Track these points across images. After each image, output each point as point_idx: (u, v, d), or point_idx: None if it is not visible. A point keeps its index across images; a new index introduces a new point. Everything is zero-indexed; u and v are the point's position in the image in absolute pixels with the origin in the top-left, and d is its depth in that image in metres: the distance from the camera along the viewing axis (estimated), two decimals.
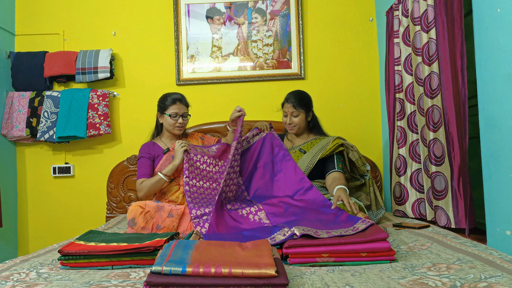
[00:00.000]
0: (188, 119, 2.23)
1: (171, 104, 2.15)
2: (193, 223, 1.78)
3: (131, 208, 1.86)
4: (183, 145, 2.05)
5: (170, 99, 2.17)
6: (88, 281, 1.15)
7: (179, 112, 2.16)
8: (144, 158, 2.16)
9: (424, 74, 1.96)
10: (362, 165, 2.09)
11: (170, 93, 2.24)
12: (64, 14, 2.93)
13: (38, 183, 2.87)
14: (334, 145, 2.04)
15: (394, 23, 2.35)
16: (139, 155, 2.20)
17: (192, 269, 1.01)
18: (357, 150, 2.10)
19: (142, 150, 2.21)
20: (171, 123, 2.16)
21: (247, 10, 2.91)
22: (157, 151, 2.20)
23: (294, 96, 2.17)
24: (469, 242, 1.45)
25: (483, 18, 1.61)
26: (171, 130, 2.20)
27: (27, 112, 2.73)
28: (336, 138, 2.10)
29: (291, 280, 1.11)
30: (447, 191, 1.83)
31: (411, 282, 1.05)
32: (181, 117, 2.16)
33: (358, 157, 2.08)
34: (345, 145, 2.09)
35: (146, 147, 2.21)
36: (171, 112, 2.14)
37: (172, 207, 1.90)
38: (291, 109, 2.15)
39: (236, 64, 2.89)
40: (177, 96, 2.19)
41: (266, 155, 2.18)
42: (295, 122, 2.16)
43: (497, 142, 1.54)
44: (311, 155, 2.08)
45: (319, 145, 2.12)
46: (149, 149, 2.20)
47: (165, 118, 2.18)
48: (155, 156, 2.18)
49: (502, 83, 1.50)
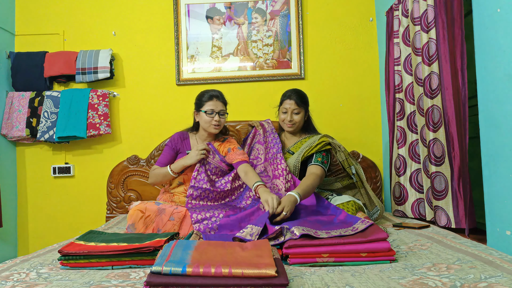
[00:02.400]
0: (225, 117, 2.13)
1: (207, 101, 2.07)
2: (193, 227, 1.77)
3: (130, 212, 1.83)
4: (203, 153, 2.01)
5: (207, 96, 2.08)
6: (88, 281, 1.15)
7: (216, 109, 2.06)
8: (169, 148, 2.14)
9: (424, 74, 1.96)
10: (348, 167, 2.02)
11: (208, 90, 2.15)
12: (64, 14, 2.93)
13: (38, 183, 2.87)
14: (320, 143, 2.01)
15: (394, 23, 2.35)
16: (167, 142, 2.18)
17: (192, 269, 1.02)
18: (344, 150, 2.05)
19: (172, 139, 2.17)
20: (207, 121, 2.07)
21: (247, 10, 2.91)
22: (185, 147, 2.16)
23: (296, 93, 2.14)
24: (469, 242, 1.45)
25: (483, 18, 1.61)
26: (207, 128, 2.10)
27: (27, 112, 2.73)
28: (323, 136, 2.07)
29: (291, 280, 1.11)
30: (447, 191, 1.83)
31: (411, 282, 1.05)
32: (218, 114, 2.07)
33: (345, 159, 2.03)
34: (332, 145, 2.05)
35: (176, 138, 2.17)
36: (207, 109, 2.05)
37: (173, 209, 1.85)
38: (293, 106, 2.11)
39: (236, 64, 2.89)
40: (215, 92, 2.11)
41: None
42: (295, 120, 2.13)
43: (497, 142, 1.54)
44: (297, 155, 2.06)
45: (306, 144, 2.10)
46: (177, 141, 2.16)
47: (201, 115, 2.09)
48: (180, 150, 2.15)
49: (502, 83, 1.50)
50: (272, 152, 2.14)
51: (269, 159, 2.13)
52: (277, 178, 2.05)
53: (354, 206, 1.88)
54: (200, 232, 1.69)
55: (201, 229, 1.75)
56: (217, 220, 1.77)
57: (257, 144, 2.26)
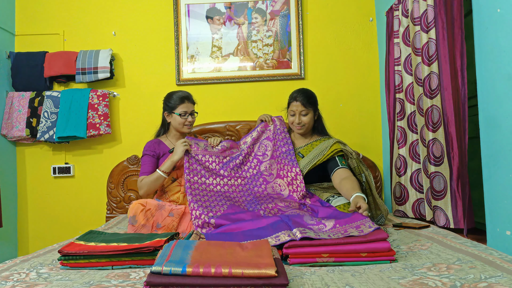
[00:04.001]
0: (195, 116, 2.22)
1: (179, 103, 2.14)
2: (193, 224, 1.78)
3: (132, 205, 1.85)
4: (185, 143, 2.05)
5: (178, 98, 2.15)
6: (88, 281, 1.15)
7: (188, 111, 2.15)
8: (148, 156, 2.14)
9: (423, 74, 1.96)
10: (359, 174, 1.99)
11: (176, 91, 2.22)
12: (64, 14, 2.93)
13: (38, 183, 2.87)
14: (332, 151, 1.98)
15: (394, 23, 2.35)
16: (143, 152, 2.17)
17: (192, 269, 1.02)
18: (356, 157, 2.01)
19: (147, 147, 2.18)
20: (180, 122, 2.15)
21: (247, 10, 2.91)
22: (163, 150, 2.18)
23: (303, 94, 2.08)
24: (469, 242, 1.45)
25: (483, 18, 1.61)
26: (180, 129, 2.18)
27: (27, 112, 2.73)
28: (335, 143, 2.03)
29: (291, 280, 1.11)
30: (446, 191, 1.83)
31: (411, 282, 1.05)
32: (190, 115, 2.16)
33: (356, 165, 2.00)
34: (344, 151, 2.01)
35: (151, 145, 2.19)
36: (181, 111, 2.13)
37: (172, 206, 1.90)
38: (300, 108, 2.06)
39: (236, 64, 2.89)
40: (184, 94, 2.18)
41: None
42: (304, 121, 2.08)
43: (497, 142, 1.54)
44: (308, 160, 2.03)
45: (317, 148, 2.06)
46: (154, 147, 2.17)
47: (174, 117, 2.16)
48: (160, 154, 2.16)
49: (502, 83, 1.50)
50: (281, 151, 2.10)
51: (276, 157, 2.11)
52: (281, 178, 2.04)
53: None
54: (201, 233, 1.68)
55: (200, 226, 1.74)
56: (217, 214, 1.77)
57: (265, 141, 2.22)
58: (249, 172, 2.16)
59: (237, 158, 2.17)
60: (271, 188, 2.07)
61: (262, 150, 2.22)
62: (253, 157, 2.21)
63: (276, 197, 1.99)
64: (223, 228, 1.65)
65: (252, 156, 2.21)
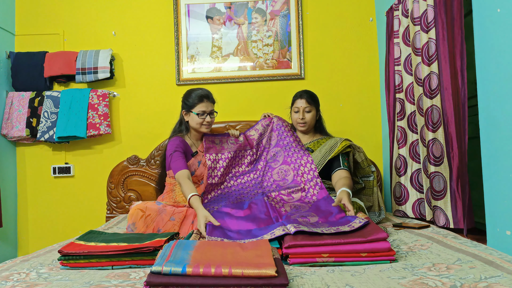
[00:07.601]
0: (215, 116, 2.14)
1: (198, 102, 2.06)
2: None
3: (131, 211, 1.83)
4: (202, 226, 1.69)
5: (197, 96, 2.07)
6: (88, 281, 1.15)
7: (207, 110, 2.07)
8: (179, 152, 2.01)
9: (423, 74, 1.96)
10: (368, 166, 2.10)
11: (195, 89, 2.14)
12: (64, 14, 2.93)
13: (38, 183, 2.87)
14: (343, 146, 2.05)
15: (394, 23, 2.35)
16: (173, 148, 2.02)
17: (192, 269, 1.02)
18: (363, 151, 2.12)
19: (177, 143, 2.05)
20: (198, 122, 2.07)
21: (247, 10, 2.91)
22: (188, 150, 2.13)
23: (306, 93, 2.24)
24: (469, 242, 1.45)
25: (483, 18, 1.61)
26: (198, 129, 2.11)
27: (27, 112, 2.73)
28: (344, 140, 2.11)
29: (291, 280, 1.11)
30: (446, 191, 1.83)
31: (411, 282, 1.05)
32: (209, 115, 2.08)
33: (364, 159, 2.09)
34: (352, 146, 2.10)
35: (180, 142, 2.07)
36: (199, 111, 2.05)
37: (174, 209, 1.85)
38: (305, 104, 2.19)
39: (236, 64, 2.89)
40: (204, 92, 2.09)
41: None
42: (307, 118, 2.21)
43: (497, 142, 1.54)
44: (321, 155, 2.09)
45: (326, 145, 2.13)
46: (183, 144, 2.08)
47: (192, 116, 2.09)
48: (186, 153, 2.11)
49: (502, 83, 1.50)
50: (288, 140, 2.20)
51: (283, 146, 2.20)
52: (287, 164, 2.11)
53: (354, 206, 1.88)
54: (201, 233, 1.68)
55: None
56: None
57: (271, 132, 2.31)
58: (260, 164, 2.24)
59: (252, 156, 2.28)
60: (276, 175, 2.14)
61: (268, 142, 2.30)
62: (262, 150, 2.30)
63: (281, 184, 2.07)
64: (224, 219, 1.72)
65: (261, 150, 2.30)
